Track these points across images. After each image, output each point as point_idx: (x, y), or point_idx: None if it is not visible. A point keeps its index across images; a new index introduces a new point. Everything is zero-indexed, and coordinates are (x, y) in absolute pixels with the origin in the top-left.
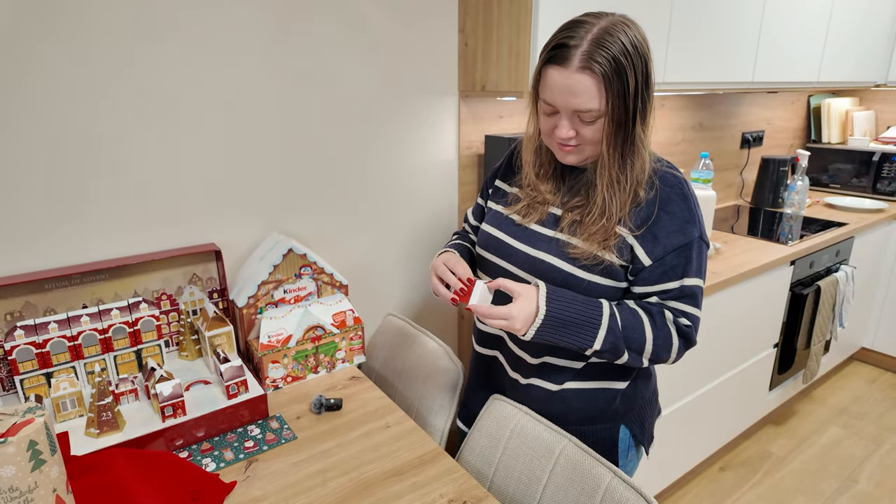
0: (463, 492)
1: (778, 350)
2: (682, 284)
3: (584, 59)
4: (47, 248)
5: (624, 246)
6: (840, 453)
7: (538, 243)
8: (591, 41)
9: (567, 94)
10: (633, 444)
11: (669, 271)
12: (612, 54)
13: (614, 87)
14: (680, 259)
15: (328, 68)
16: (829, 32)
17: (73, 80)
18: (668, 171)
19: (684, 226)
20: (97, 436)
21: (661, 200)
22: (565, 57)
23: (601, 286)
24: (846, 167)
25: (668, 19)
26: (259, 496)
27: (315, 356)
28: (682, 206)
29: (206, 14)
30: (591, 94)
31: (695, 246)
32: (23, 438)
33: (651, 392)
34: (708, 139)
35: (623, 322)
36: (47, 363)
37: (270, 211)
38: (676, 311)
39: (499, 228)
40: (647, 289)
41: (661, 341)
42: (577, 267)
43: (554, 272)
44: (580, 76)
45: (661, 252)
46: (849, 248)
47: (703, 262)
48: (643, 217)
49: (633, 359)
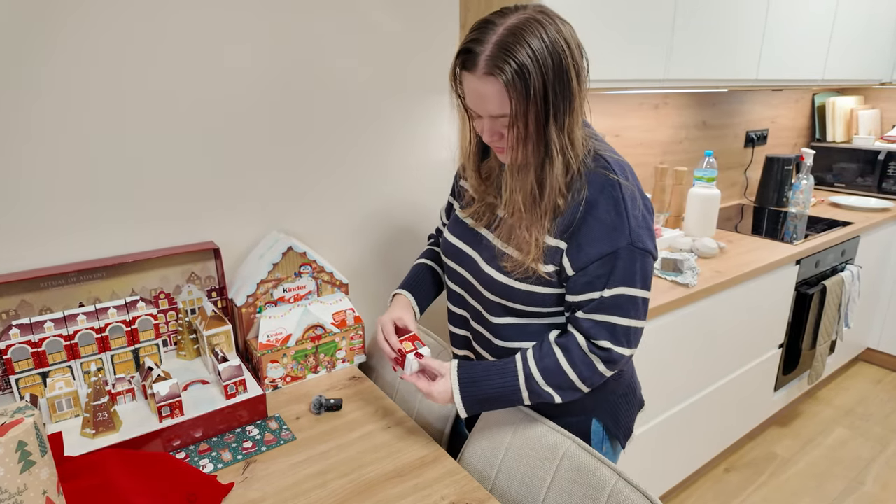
0: (465, 494)
1: (783, 350)
2: (601, 296)
3: (487, 63)
4: (43, 246)
5: (555, 253)
6: (846, 455)
7: (483, 251)
8: (494, 44)
9: (478, 99)
10: (608, 437)
11: (594, 281)
12: (514, 56)
13: (518, 91)
14: (604, 269)
15: (328, 67)
16: (835, 30)
17: (69, 77)
18: (602, 171)
19: (611, 233)
20: (93, 436)
21: (588, 204)
22: (473, 62)
23: (538, 294)
24: (851, 166)
25: (672, 15)
26: (257, 498)
27: (315, 356)
28: (610, 212)
29: (205, 12)
30: (497, 99)
31: (622, 255)
32: (11, 439)
33: (624, 387)
34: (712, 138)
35: (542, 373)
36: (43, 362)
37: (270, 209)
38: (602, 323)
39: (456, 235)
40: (572, 298)
41: (587, 373)
42: (510, 277)
43: (494, 284)
44: (485, 81)
45: (583, 261)
46: (854, 247)
47: (637, 270)
48: (565, 223)
49: (569, 395)
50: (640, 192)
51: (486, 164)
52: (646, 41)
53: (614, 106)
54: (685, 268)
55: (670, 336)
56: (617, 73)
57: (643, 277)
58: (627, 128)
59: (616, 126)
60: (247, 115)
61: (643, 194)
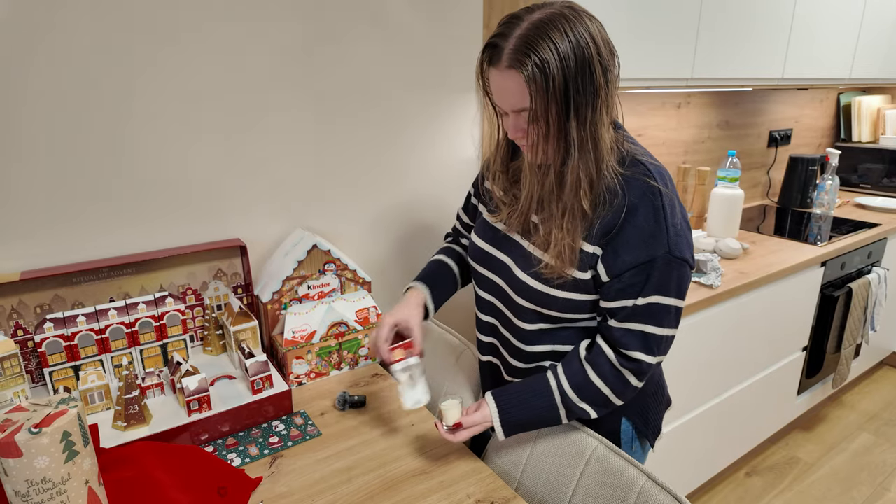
0: (490, 492)
1: (807, 353)
2: (634, 304)
3: (510, 57)
4: (76, 243)
5: (591, 258)
6: (871, 460)
7: (518, 258)
8: (517, 38)
9: (501, 93)
10: (637, 436)
11: (628, 288)
12: (535, 50)
13: (538, 84)
14: (639, 277)
15: (352, 65)
16: (863, 27)
17: (101, 77)
18: (642, 178)
19: (648, 241)
20: (124, 429)
21: (627, 210)
22: (497, 56)
23: (575, 301)
24: (877, 166)
25: (698, 14)
26: (284, 492)
27: (338, 352)
28: (649, 219)
29: (231, 13)
30: (520, 92)
31: (658, 264)
32: (56, 429)
33: (654, 385)
34: (734, 137)
35: (575, 390)
36: (75, 356)
37: (295, 207)
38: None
39: (485, 240)
40: (606, 304)
41: (619, 387)
42: (547, 285)
43: (530, 291)
44: (508, 75)
45: (619, 268)
46: (881, 249)
47: (673, 279)
48: (604, 228)
49: (603, 410)
50: (678, 200)
51: (514, 164)
52: (672, 40)
53: (637, 105)
54: (708, 269)
55: (693, 337)
56: (642, 72)
57: (678, 287)
58: (650, 127)
59: (639, 125)
60: (273, 117)
61: (680, 202)
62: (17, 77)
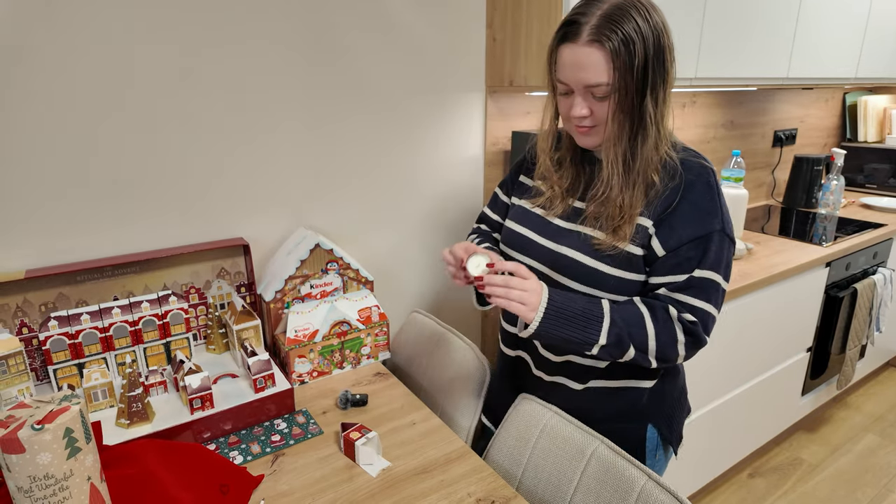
0: (491, 491)
1: (811, 354)
2: (689, 276)
3: (593, 32)
4: (80, 241)
5: (644, 234)
6: (876, 462)
7: (560, 238)
8: (600, 16)
9: (577, 69)
10: (661, 443)
11: (684, 263)
12: (620, 27)
13: (622, 59)
14: (695, 252)
15: (356, 65)
16: (869, 26)
17: (107, 78)
18: (694, 159)
19: (704, 217)
20: (127, 426)
21: (685, 187)
22: (575, 32)
23: (625, 280)
24: (883, 167)
25: (702, 12)
26: (286, 490)
27: (340, 351)
28: (704, 196)
29: (231, 14)
30: (599, 67)
31: (714, 239)
32: (59, 426)
33: (679, 390)
34: (739, 137)
35: (624, 316)
36: (79, 354)
37: (298, 206)
38: (683, 304)
39: (522, 224)
40: (656, 279)
41: (665, 337)
42: (599, 260)
43: (577, 267)
44: (588, 49)
45: (675, 242)
46: (887, 249)
47: (724, 258)
48: (665, 204)
49: (639, 357)
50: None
51: (556, 152)
52: (675, 39)
53: None
54: None
55: None
56: None
57: (727, 266)
58: None
59: None
60: (276, 115)
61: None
62: (23, 77)
